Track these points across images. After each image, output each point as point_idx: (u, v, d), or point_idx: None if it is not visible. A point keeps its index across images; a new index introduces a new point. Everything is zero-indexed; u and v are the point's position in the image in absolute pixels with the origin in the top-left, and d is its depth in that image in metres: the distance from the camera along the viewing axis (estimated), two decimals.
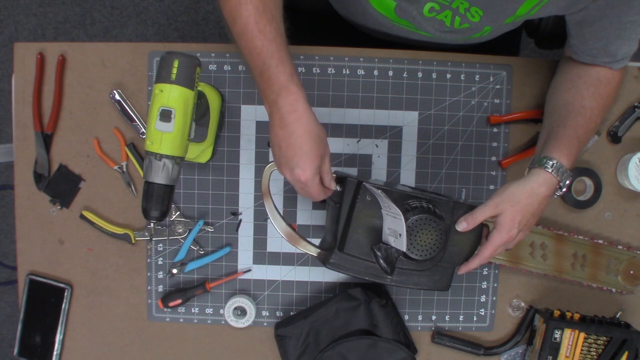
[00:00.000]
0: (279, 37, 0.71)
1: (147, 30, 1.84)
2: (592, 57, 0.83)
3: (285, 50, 0.71)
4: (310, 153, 0.71)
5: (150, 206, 0.72)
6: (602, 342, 0.92)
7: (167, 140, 0.71)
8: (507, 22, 0.83)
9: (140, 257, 0.97)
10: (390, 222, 0.76)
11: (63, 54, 0.95)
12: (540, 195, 0.78)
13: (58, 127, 0.96)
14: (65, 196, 0.96)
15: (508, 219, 0.77)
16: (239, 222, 0.97)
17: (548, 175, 0.78)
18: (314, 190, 0.74)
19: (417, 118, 0.97)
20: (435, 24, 0.84)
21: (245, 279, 0.98)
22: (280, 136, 0.71)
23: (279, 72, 0.70)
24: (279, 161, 0.74)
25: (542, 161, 0.79)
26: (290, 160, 0.71)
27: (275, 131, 0.72)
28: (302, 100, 0.70)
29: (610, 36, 0.79)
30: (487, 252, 0.79)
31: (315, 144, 0.71)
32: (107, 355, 0.98)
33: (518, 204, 0.77)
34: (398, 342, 0.92)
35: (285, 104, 0.70)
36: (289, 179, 0.74)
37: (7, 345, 1.83)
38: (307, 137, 0.70)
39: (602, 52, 0.82)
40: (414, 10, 0.81)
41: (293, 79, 0.70)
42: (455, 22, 0.83)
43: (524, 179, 0.79)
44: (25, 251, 0.97)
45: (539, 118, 0.96)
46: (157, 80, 0.71)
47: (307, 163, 0.71)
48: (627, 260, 0.95)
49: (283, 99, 0.70)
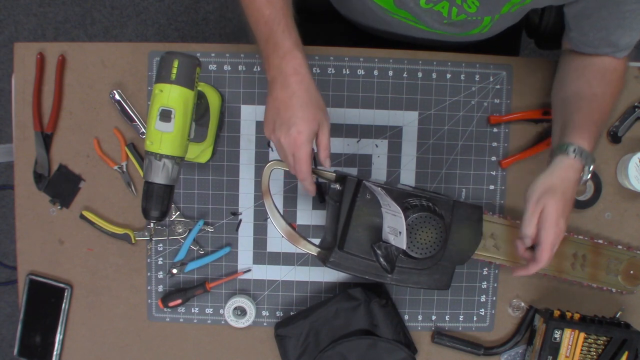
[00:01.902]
0: (286, 7, 0.74)
1: (147, 30, 1.84)
2: (594, 48, 0.83)
3: (291, 19, 0.74)
4: (308, 114, 0.72)
5: (150, 206, 0.72)
6: (602, 342, 0.92)
7: (167, 140, 0.71)
8: (504, 12, 0.82)
9: (140, 257, 0.97)
10: (390, 220, 0.76)
11: (63, 54, 0.95)
12: (572, 180, 0.77)
13: (58, 127, 0.96)
14: (65, 196, 0.96)
15: (553, 211, 0.76)
16: (239, 222, 0.97)
17: (572, 160, 0.77)
18: (303, 159, 0.73)
19: (417, 118, 0.97)
20: (433, 15, 0.84)
21: (245, 279, 0.98)
22: (280, 98, 0.73)
23: (285, 38, 0.72)
24: (272, 125, 0.74)
25: (562, 147, 0.78)
26: (287, 121, 0.72)
27: (275, 94, 0.73)
28: (306, 65, 0.73)
29: (610, 26, 0.78)
30: (545, 255, 0.77)
31: (315, 107, 0.73)
32: (107, 355, 0.98)
33: (556, 193, 0.76)
34: (398, 342, 0.92)
35: (290, 67, 0.72)
36: (283, 141, 0.73)
37: (7, 345, 1.83)
38: (308, 99, 0.72)
39: (603, 43, 0.81)
40: (411, 2, 0.82)
41: (298, 46, 0.73)
42: (452, 13, 0.82)
43: (551, 168, 0.78)
44: (25, 251, 0.97)
45: (539, 118, 0.96)
46: (157, 80, 0.71)
47: (304, 124, 0.72)
48: (627, 260, 0.95)
49: (287, 63, 0.72)
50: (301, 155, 0.73)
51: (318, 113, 0.73)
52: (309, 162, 0.74)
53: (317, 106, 0.73)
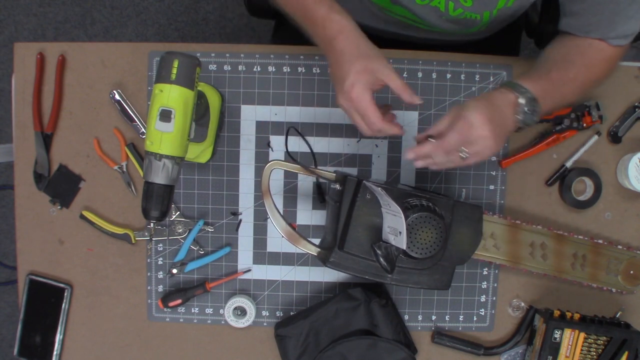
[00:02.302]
0: None
1: (147, 30, 1.84)
2: (586, 32, 0.81)
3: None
4: (359, 66, 0.71)
5: (150, 206, 0.72)
6: (602, 342, 0.92)
7: (167, 140, 0.71)
8: (500, 7, 0.81)
9: (140, 257, 0.97)
10: (390, 220, 0.76)
11: (63, 54, 0.95)
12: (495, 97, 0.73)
13: (58, 127, 0.96)
14: (65, 196, 0.96)
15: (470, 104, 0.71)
16: (239, 222, 0.97)
17: (503, 88, 0.75)
18: (369, 109, 0.71)
19: (417, 118, 0.97)
20: (430, 11, 0.84)
21: (245, 279, 0.98)
22: (333, 62, 0.73)
23: (317, 7, 0.73)
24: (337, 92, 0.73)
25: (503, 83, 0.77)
26: (340, 79, 0.72)
27: (330, 62, 0.74)
28: (347, 24, 0.72)
29: (604, 11, 0.77)
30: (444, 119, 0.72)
31: (365, 58, 0.71)
32: (107, 355, 0.98)
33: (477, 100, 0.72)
34: (398, 342, 0.92)
35: (333, 32, 0.72)
36: (342, 102, 0.73)
37: (7, 345, 1.83)
38: (356, 52, 0.71)
39: (593, 28, 0.80)
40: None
41: (333, 9, 0.73)
42: (449, 8, 0.82)
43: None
44: (25, 251, 0.97)
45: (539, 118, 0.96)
46: (157, 80, 0.71)
47: (355, 76, 0.70)
48: (627, 260, 0.95)
49: (329, 31, 0.72)
50: (364, 106, 0.71)
51: (370, 62, 0.71)
52: (375, 110, 0.72)
53: (367, 56, 0.72)
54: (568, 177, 0.97)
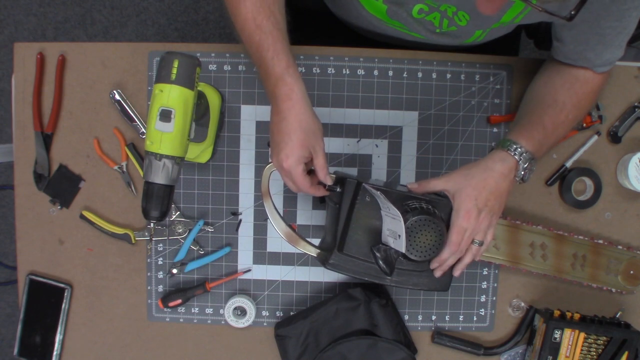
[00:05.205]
0: (276, 30, 0.74)
1: (147, 30, 1.84)
2: (573, 61, 0.83)
3: (282, 42, 0.73)
4: (296, 140, 0.73)
5: (150, 206, 0.72)
6: (602, 342, 0.92)
7: (167, 140, 0.71)
8: (494, 27, 0.82)
9: (140, 257, 0.97)
10: (390, 223, 0.76)
11: (63, 54, 0.95)
12: (496, 171, 0.77)
13: (58, 127, 0.96)
14: (65, 196, 0.96)
15: (464, 196, 0.76)
16: (239, 222, 0.97)
17: (504, 153, 0.78)
18: (298, 179, 0.75)
19: (417, 118, 0.97)
20: (425, 25, 0.84)
21: (245, 279, 0.98)
22: (274, 122, 0.74)
23: (274, 64, 0.73)
24: (271, 150, 0.76)
25: (500, 143, 0.79)
26: (277, 146, 0.74)
27: (272, 118, 0.75)
28: (297, 90, 0.73)
29: (590, 41, 0.78)
30: (452, 236, 0.77)
31: (304, 133, 0.73)
32: (107, 355, 0.98)
33: (472, 179, 0.76)
34: (398, 342, 0.92)
35: (281, 93, 0.73)
36: (275, 164, 0.76)
37: (7, 345, 1.83)
38: (297, 125, 0.73)
39: (580, 57, 0.81)
40: (404, 12, 0.82)
41: (289, 71, 0.73)
42: (443, 25, 0.83)
43: (480, 159, 0.79)
44: (25, 251, 0.97)
45: None
46: (157, 80, 0.71)
47: (291, 150, 0.73)
48: (627, 260, 0.95)
49: (279, 90, 0.73)
50: (294, 179, 0.75)
51: (309, 138, 0.74)
52: (304, 179, 0.75)
53: (307, 131, 0.73)
54: (568, 177, 0.97)
